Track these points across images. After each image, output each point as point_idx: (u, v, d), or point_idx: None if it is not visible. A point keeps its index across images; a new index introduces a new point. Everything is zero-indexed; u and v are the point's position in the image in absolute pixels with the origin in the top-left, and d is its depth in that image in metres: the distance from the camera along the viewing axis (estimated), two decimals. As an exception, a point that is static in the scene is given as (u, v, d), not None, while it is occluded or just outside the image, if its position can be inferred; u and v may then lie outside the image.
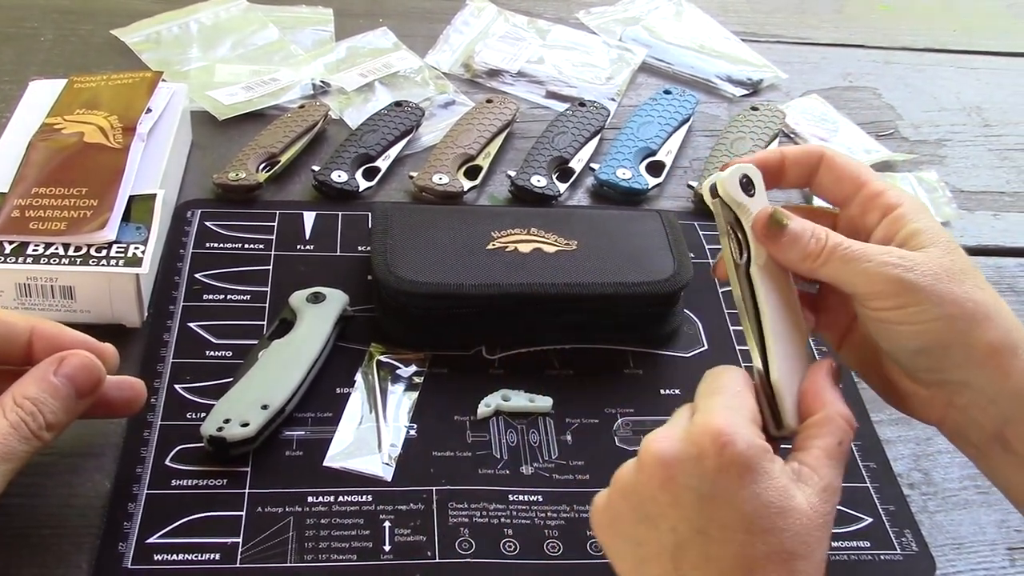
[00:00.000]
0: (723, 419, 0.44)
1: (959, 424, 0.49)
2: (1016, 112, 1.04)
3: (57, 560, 0.53)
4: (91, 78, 0.80)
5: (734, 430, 0.43)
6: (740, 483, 0.43)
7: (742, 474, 0.43)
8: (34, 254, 0.64)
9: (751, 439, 0.44)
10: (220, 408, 0.59)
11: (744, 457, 0.43)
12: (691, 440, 0.44)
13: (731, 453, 0.43)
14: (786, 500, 0.43)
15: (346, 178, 0.80)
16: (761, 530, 0.42)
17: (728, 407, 0.45)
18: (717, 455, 0.43)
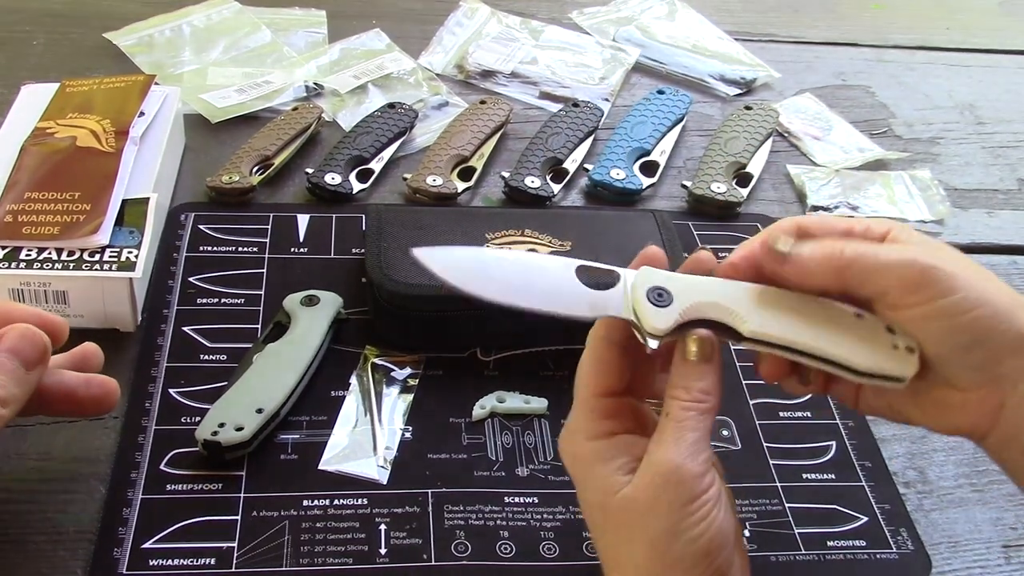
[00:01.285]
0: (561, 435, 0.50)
1: (1012, 426, 0.45)
2: (1009, 110, 1.04)
3: (52, 566, 0.53)
4: (83, 82, 0.79)
5: (562, 441, 0.49)
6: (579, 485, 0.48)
7: (576, 477, 0.48)
8: (27, 259, 0.64)
9: (571, 448, 0.48)
10: (215, 412, 0.59)
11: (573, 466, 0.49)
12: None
13: (568, 464, 0.49)
14: (601, 496, 0.46)
15: (340, 180, 0.80)
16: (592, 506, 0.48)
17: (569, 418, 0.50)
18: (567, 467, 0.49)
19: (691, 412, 0.46)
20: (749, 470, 0.62)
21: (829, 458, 0.64)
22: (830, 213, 0.85)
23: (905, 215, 0.86)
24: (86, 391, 0.55)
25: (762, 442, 0.64)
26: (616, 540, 0.46)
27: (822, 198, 0.86)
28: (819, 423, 0.66)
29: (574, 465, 0.48)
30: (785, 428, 0.65)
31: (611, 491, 0.45)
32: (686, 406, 0.46)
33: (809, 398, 0.67)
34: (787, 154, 0.93)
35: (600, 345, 0.49)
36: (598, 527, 0.47)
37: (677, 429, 0.45)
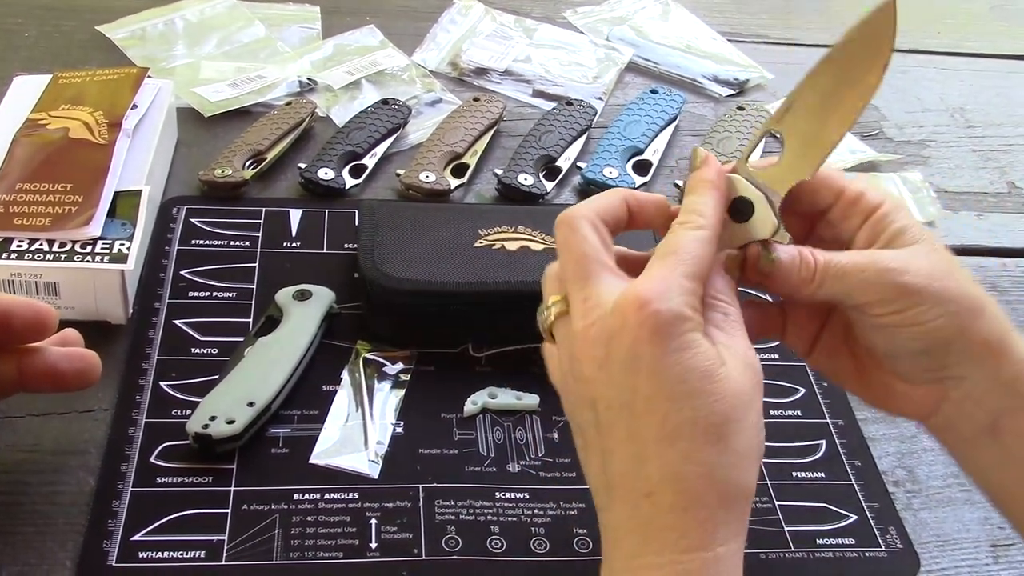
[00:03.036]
0: (649, 288, 0.42)
1: (951, 418, 0.49)
2: (999, 113, 1.04)
3: (41, 558, 0.53)
4: (76, 74, 0.79)
5: (659, 296, 0.42)
6: (663, 350, 0.41)
7: (664, 341, 0.41)
8: (18, 250, 0.63)
9: (675, 306, 0.42)
10: (206, 405, 0.59)
11: (665, 323, 0.41)
12: (616, 311, 0.43)
13: (652, 321, 0.41)
14: (712, 364, 0.42)
15: (333, 175, 0.80)
16: (686, 395, 0.41)
17: (660, 277, 0.43)
18: (639, 325, 0.42)
19: (741, 318, 0.46)
20: (739, 468, 0.63)
21: (819, 457, 0.64)
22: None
23: (896, 217, 0.87)
24: (68, 365, 0.54)
25: (752, 440, 0.64)
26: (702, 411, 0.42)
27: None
28: (809, 422, 0.66)
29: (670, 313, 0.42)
30: (775, 427, 0.66)
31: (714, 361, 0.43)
32: (739, 312, 0.46)
33: (799, 396, 0.68)
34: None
35: None
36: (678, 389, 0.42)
37: (742, 331, 0.45)
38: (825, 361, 0.53)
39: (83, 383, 0.56)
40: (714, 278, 0.46)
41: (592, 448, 0.45)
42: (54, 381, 0.55)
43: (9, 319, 0.52)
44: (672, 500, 0.42)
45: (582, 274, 0.45)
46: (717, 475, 0.41)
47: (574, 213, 0.47)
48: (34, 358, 0.54)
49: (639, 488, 0.42)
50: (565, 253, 0.47)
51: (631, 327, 0.42)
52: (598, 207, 0.48)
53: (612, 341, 0.42)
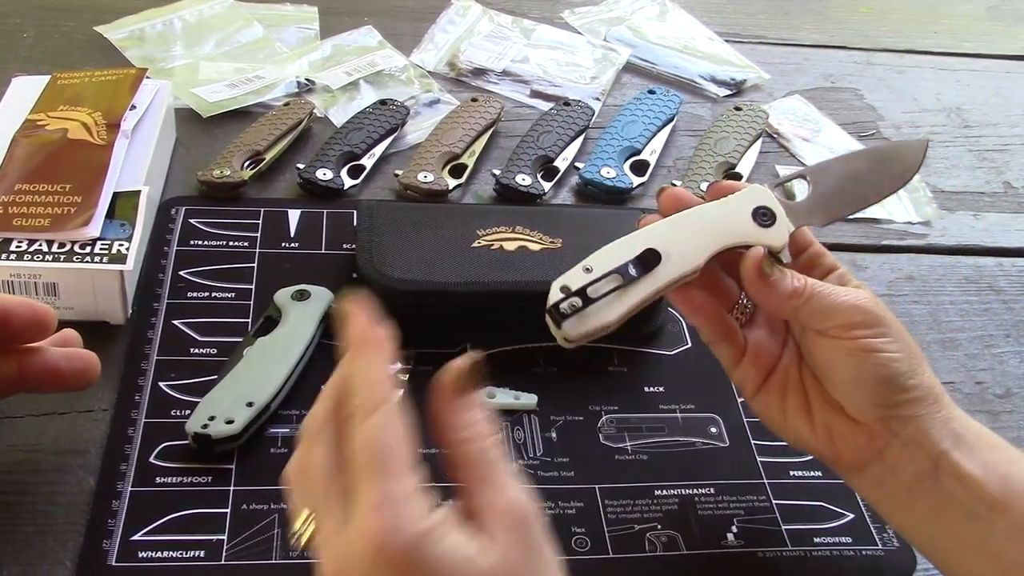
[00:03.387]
0: (378, 521, 0.37)
1: (893, 464, 0.51)
2: (995, 113, 1.05)
3: (41, 558, 0.53)
4: (75, 74, 0.79)
5: (392, 531, 0.37)
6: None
7: (419, 571, 0.37)
8: (17, 251, 0.64)
9: (414, 538, 0.37)
10: (205, 405, 0.59)
11: (416, 560, 0.37)
12: (360, 556, 0.37)
13: (401, 562, 0.37)
14: (475, 562, 0.38)
15: (331, 176, 0.80)
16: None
17: (385, 498, 0.38)
18: (390, 569, 0.37)
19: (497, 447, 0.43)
20: (737, 467, 0.63)
21: (816, 456, 0.64)
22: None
23: (892, 216, 0.87)
24: (67, 364, 0.55)
25: (749, 439, 0.65)
26: None
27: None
28: (806, 421, 0.66)
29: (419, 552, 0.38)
30: (773, 426, 0.66)
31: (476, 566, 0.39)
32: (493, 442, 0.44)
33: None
34: (776, 155, 0.93)
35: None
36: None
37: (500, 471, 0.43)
38: (773, 400, 0.55)
39: (82, 383, 0.56)
40: (454, 413, 0.43)
41: None
42: (54, 381, 0.55)
43: (8, 319, 0.53)
44: None
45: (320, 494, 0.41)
46: None
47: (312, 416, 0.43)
48: (34, 358, 0.54)
49: None
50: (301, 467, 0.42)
51: (381, 570, 0.37)
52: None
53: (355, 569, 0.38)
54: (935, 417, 0.51)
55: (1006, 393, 0.72)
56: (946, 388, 0.70)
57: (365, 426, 0.40)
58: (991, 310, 0.79)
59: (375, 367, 0.43)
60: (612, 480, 0.61)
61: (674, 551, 0.57)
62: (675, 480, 0.61)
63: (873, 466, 0.52)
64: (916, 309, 0.78)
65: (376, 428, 0.40)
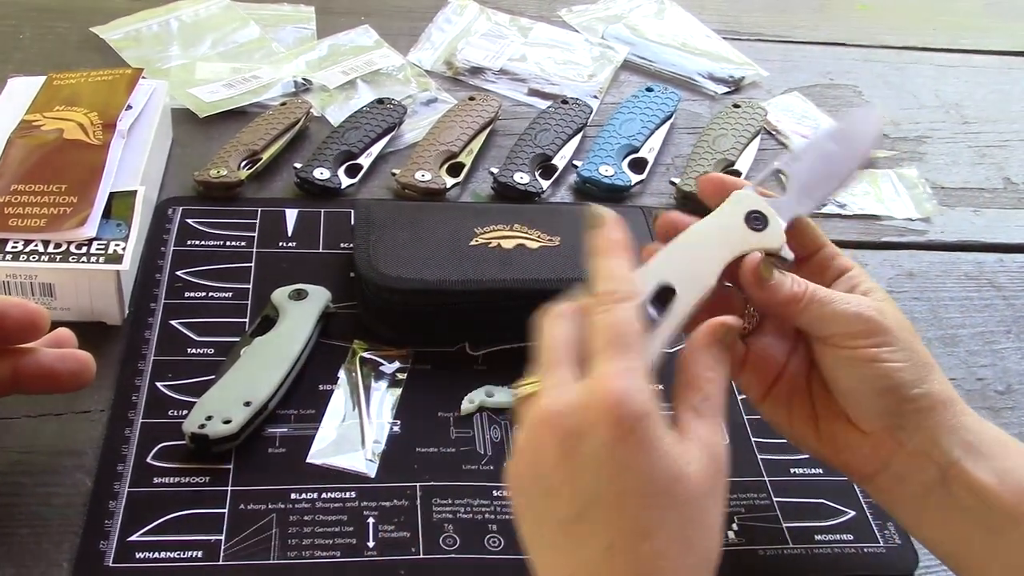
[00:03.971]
0: (620, 384, 0.42)
1: (901, 473, 0.50)
2: (995, 109, 1.04)
3: (37, 559, 0.53)
4: (71, 75, 0.79)
5: (630, 394, 0.42)
6: (636, 450, 0.42)
7: (637, 440, 0.42)
8: (13, 251, 0.63)
9: (645, 404, 0.42)
10: (202, 405, 0.59)
11: (638, 423, 0.42)
12: (588, 408, 0.42)
13: (627, 420, 0.41)
14: (676, 467, 0.42)
15: (328, 175, 0.80)
16: (655, 494, 0.42)
17: (626, 370, 0.43)
18: (615, 424, 0.41)
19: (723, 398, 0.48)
20: (737, 465, 0.61)
21: (817, 453, 0.64)
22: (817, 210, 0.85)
23: (892, 213, 0.87)
24: (62, 366, 0.54)
25: (750, 436, 0.64)
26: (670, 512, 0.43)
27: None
28: (807, 418, 0.66)
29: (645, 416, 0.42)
30: (773, 423, 0.65)
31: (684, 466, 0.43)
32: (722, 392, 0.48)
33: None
34: (775, 152, 0.93)
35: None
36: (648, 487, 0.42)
37: (718, 415, 0.47)
38: (779, 408, 0.54)
39: (77, 384, 0.55)
40: (702, 355, 0.48)
41: (550, 536, 0.44)
42: (48, 382, 0.54)
43: (1, 320, 0.52)
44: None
45: (554, 361, 0.46)
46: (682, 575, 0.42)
47: (559, 307, 0.48)
48: (28, 359, 0.54)
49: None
50: (544, 341, 0.47)
51: (605, 425, 0.41)
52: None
53: (583, 437, 0.42)
54: (944, 426, 0.49)
55: (1007, 389, 0.72)
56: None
57: (610, 311, 0.45)
58: (992, 306, 0.79)
59: (619, 266, 0.48)
60: (612, 478, 0.60)
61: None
62: (675, 478, 0.61)
63: (880, 475, 0.51)
64: (917, 306, 0.78)
65: (620, 313, 0.45)
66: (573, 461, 0.42)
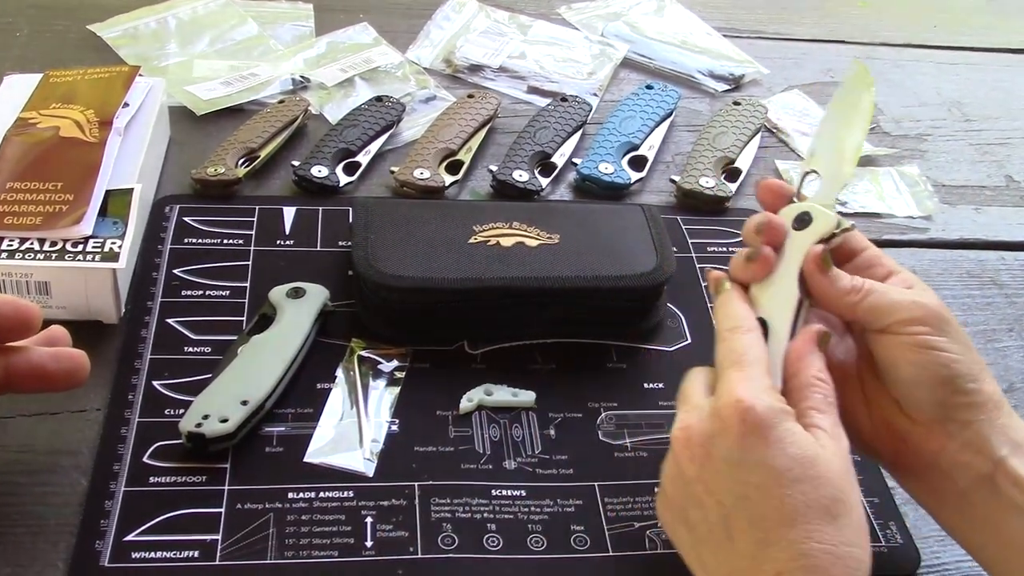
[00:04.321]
0: (743, 390, 0.47)
1: (950, 466, 0.51)
2: (996, 107, 1.04)
3: (32, 559, 0.52)
4: (67, 72, 0.79)
5: (753, 396, 0.46)
6: (765, 443, 0.45)
7: (765, 435, 0.45)
8: (9, 249, 0.63)
9: (769, 403, 0.46)
10: (199, 404, 0.58)
11: (764, 419, 0.46)
12: (716, 415, 0.47)
13: (752, 418, 0.46)
14: (811, 450, 0.46)
15: (326, 173, 0.79)
16: (794, 480, 0.45)
17: (747, 378, 0.48)
18: (740, 422, 0.46)
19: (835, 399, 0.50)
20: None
21: (818, 451, 0.64)
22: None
23: (893, 211, 0.86)
24: (55, 365, 0.54)
25: (751, 435, 0.64)
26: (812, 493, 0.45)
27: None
28: (808, 417, 0.66)
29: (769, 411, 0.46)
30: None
31: (814, 445, 0.46)
32: (833, 394, 0.50)
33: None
34: (776, 150, 0.93)
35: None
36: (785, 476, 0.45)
37: (835, 413, 0.49)
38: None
39: (71, 383, 0.55)
40: (812, 359, 0.51)
41: (707, 542, 0.48)
42: (41, 381, 0.54)
43: None
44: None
45: (687, 393, 0.51)
46: (840, 551, 0.44)
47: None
48: (20, 358, 0.53)
49: (768, 570, 0.45)
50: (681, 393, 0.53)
51: (733, 426, 0.46)
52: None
53: (714, 440, 0.47)
54: (995, 424, 0.50)
55: (1009, 388, 0.71)
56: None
57: (729, 341, 0.51)
58: (993, 304, 0.79)
59: (737, 306, 0.53)
60: (611, 477, 0.60)
61: (674, 549, 0.57)
62: (675, 477, 0.61)
63: (929, 471, 0.52)
64: (918, 303, 0.78)
65: (740, 340, 0.50)
66: (710, 467, 0.47)
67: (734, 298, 0.54)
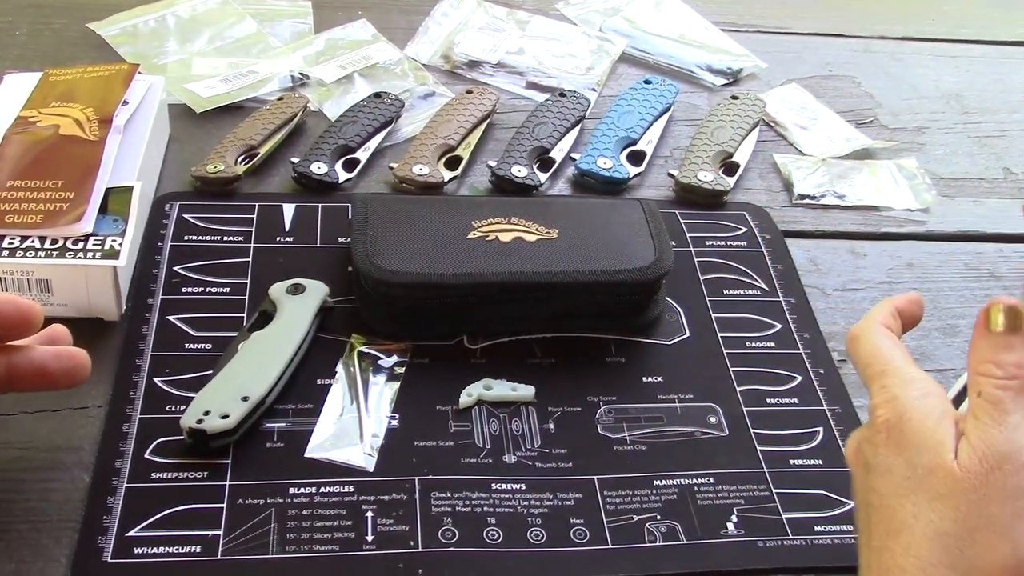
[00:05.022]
0: (880, 399, 0.46)
1: None
2: (994, 100, 1.04)
3: (35, 555, 0.53)
4: (67, 71, 0.79)
5: (890, 404, 0.45)
6: (896, 450, 0.44)
7: (898, 442, 0.44)
8: (9, 247, 0.63)
9: (904, 408, 0.44)
10: (200, 400, 0.59)
11: (898, 427, 0.44)
12: (868, 425, 0.46)
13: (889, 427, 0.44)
14: (933, 459, 0.43)
15: (326, 169, 0.80)
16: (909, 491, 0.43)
17: (882, 386, 0.46)
18: (882, 432, 0.45)
19: (1008, 391, 0.43)
20: (737, 456, 0.62)
21: (816, 444, 0.64)
22: (816, 201, 0.85)
23: (891, 204, 0.87)
24: (57, 364, 0.54)
25: (749, 428, 0.64)
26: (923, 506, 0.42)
27: (808, 187, 0.86)
28: (806, 409, 0.66)
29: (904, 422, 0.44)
30: (772, 414, 0.65)
31: (944, 454, 0.42)
32: (1002, 384, 0.44)
33: (796, 384, 0.68)
34: (774, 144, 0.93)
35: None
36: (902, 485, 0.43)
37: (998, 411, 0.43)
38: None
39: (72, 382, 0.55)
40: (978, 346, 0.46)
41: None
42: (42, 380, 0.54)
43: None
44: None
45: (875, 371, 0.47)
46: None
47: (861, 328, 0.50)
48: (21, 357, 0.53)
49: None
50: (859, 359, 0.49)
51: (876, 433, 0.45)
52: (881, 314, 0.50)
53: (865, 448, 0.46)
54: None
55: (1007, 379, 0.71)
56: (947, 375, 0.70)
57: (853, 352, 0.49)
58: (991, 296, 0.78)
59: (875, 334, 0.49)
60: (611, 471, 0.60)
61: (674, 541, 0.57)
62: (674, 470, 0.61)
63: None
64: (916, 296, 0.78)
65: (860, 349, 0.48)
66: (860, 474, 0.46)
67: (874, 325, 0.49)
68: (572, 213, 0.72)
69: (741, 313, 0.73)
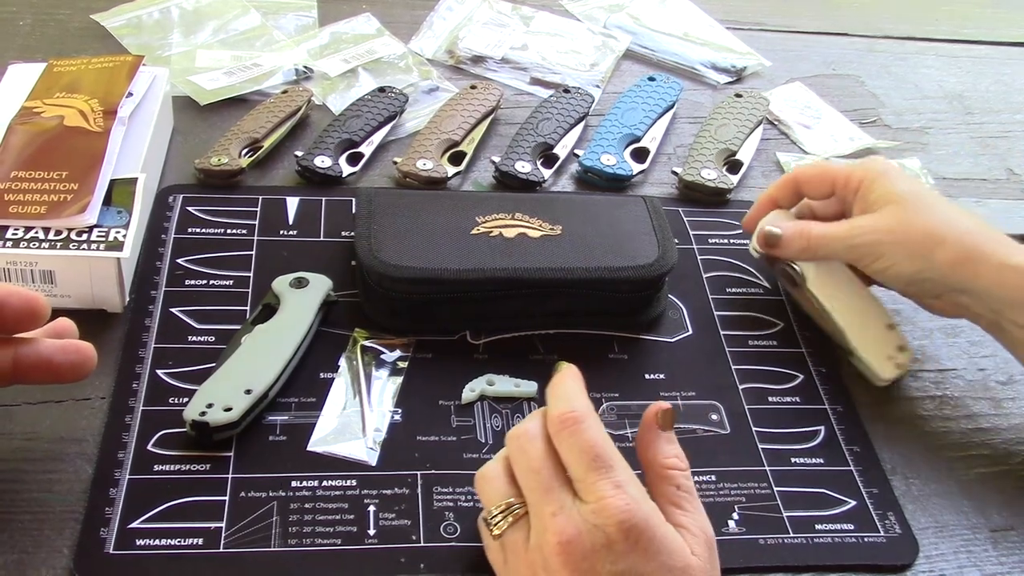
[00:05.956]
0: (620, 501, 0.47)
1: (969, 318, 0.65)
2: (997, 100, 1.04)
3: (37, 545, 0.53)
4: (71, 62, 0.79)
5: (632, 507, 0.47)
6: (646, 556, 0.46)
7: (646, 547, 0.46)
8: (14, 238, 0.63)
9: (646, 512, 0.47)
10: (203, 393, 0.59)
11: (644, 531, 0.46)
12: (596, 528, 0.46)
13: (635, 533, 0.46)
14: (685, 556, 0.47)
15: (330, 163, 0.80)
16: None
17: (617, 484, 0.47)
18: (624, 539, 0.46)
19: (690, 480, 0.52)
20: (738, 454, 0.63)
21: (818, 442, 0.64)
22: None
23: (894, 203, 0.87)
24: (63, 357, 0.54)
25: (751, 426, 0.64)
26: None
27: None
28: (808, 408, 0.66)
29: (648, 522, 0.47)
30: (774, 413, 0.66)
31: (688, 554, 0.48)
32: (687, 474, 0.52)
33: (798, 382, 0.68)
34: (777, 142, 0.93)
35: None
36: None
37: (695, 499, 0.51)
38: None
39: (78, 375, 0.55)
40: (662, 445, 0.52)
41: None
42: (48, 373, 0.54)
43: (0, 309, 0.52)
44: None
45: (544, 487, 0.49)
46: None
47: (526, 430, 0.51)
48: (27, 349, 0.53)
49: None
50: (522, 465, 0.50)
51: (618, 542, 0.46)
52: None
53: (597, 556, 0.46)
54: (974, 285, 0.61)
55: (1009, 380, 0.72)
56: (949, 375, 0.70)
57: (576, 434, 0.49)
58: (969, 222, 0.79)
59: (571, 388, 0.52)
60: (613, 467, 0.60)
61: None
62: (676, 467, 0.61)
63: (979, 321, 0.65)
64: (918, 296, 0.78)
65: (587, 434, 0.49)
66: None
67: (571, 375, 0.53)
68: (576, 209, 0.73)
69: (744, 311, 0.73)
